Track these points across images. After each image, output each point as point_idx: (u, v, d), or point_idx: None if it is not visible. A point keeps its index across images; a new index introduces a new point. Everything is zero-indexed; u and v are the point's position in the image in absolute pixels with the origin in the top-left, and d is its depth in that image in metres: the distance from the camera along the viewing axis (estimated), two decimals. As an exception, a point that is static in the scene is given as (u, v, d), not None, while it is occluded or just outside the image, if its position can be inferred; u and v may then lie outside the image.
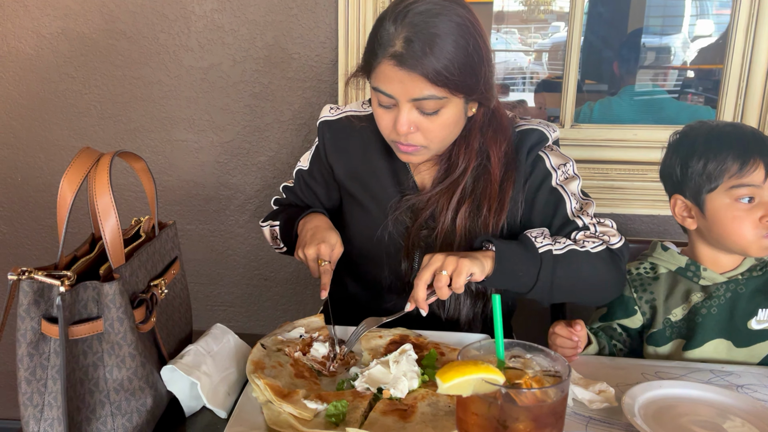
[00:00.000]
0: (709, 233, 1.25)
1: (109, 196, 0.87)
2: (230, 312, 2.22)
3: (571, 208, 1.26)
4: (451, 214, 1.27)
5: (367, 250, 1.37)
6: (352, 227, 1.41)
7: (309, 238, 1.27)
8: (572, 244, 1.20)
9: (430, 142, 1.20)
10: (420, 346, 1.17)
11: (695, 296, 1.27)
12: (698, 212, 1.25)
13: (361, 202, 1.38)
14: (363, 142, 1.37)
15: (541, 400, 0.69)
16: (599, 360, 1.21)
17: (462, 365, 0.69)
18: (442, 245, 1.28)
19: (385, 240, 1.34)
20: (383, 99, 1.17)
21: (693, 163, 1.23)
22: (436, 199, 1.28)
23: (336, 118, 1.40)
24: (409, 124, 1.16)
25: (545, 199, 1.28)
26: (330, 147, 1.39)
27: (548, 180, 1.28)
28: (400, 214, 1.32)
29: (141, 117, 2.05)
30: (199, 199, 2.11)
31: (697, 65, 4.06)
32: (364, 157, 1.37)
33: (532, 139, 1.29)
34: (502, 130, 1.27)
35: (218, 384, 1.01)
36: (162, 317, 1.00)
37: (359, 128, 1.37)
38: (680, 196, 1.28)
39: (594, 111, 2.32)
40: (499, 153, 1.26)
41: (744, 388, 1.09)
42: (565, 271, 1.17)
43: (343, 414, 0.96)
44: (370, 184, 1.37)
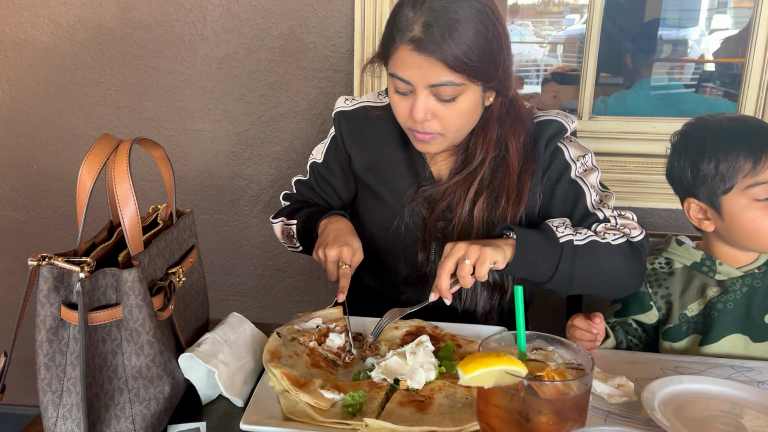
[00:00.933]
0: (729, 234, 1.23)
1: (128, 183, 0.86)
2: (243, 302, 2.22)
3: (591, 201, 1.25)
4: (468, 206, 1.26)
5: (383, 242, 1.36)
6: (368, 219, 1.40)
7: (332, 239, 1.25)
8: (593, 235, 1.18)
9: (447, 130, 1.19)
10: (436, 338, 1.16)
11: (711, 291, 1.26)
12: (715, 214, 1.22)
13: (377, 193, 1.37)
14: (379, 132, 1.35)
15: (564, 393, 0.68)
16: (618, 354, 1.19)
17: (484, 356, 0.68)
18: (459, 237, 1.26)
19: (401, 232, 1.33)
20: (400, 85, 1.16)
21: (704, 166, 1.19)
22: (453, 190, 1.27)
23: (352, 108, 1.39)
24: (425, 111, 1.15)
25: (565, 191, 1.27)
26: (347, 136, 1.38)
27: (567, 172, 1.27)
28: (417, 205, 1.31)
29: (156, 107, 2.05)
30: (214, 189, 2.11)
31: (715, 59, 4.01)
32: (381, 148, 1.35)
33: (551, 130, 1.27)
34: (520, 120, 1.25)
35: (235, 372, 1.01)
36: (179, 305, 1.00)
37: (375, 118, 1.36)
38: (694, 199, 1.25)
39: (608, 105, 2.29)
40: (517, 144, 1.24)
41: (765, 384, 1.07)
42: (585, 262, 1.15)
43: (360, 404, 0.96)
44: (386, 175, 1.35)
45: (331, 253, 1.22)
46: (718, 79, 3.47)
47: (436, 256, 1.31)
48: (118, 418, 0.86)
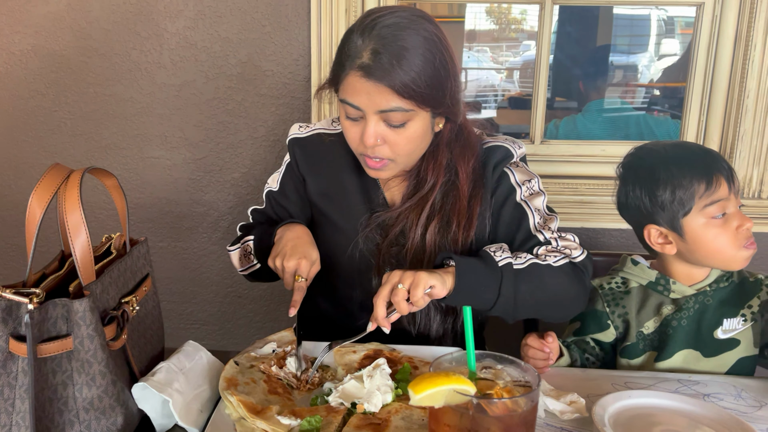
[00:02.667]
0: (692, 254, 1.26)
1: (79, 213, 0.86)
2: (204, 330, 2.20)
3: (534, 223, 1.27)
4: (420, 230, 1.27)
5: (338, 268, 1.37)
6: (323, 245, 1.38)
7: (290, 249, 1.23)
8: (533, 258, 1.19)
9: (397, 155, 1.21)
10: (394, 361, 1.17)
11: (666, 309, 1.30)
12: (677, 237, 1.26)
13: (331, 219, 1.38)
14: (333, 158, 1.37)
15: (512, 409, 0.70)
16: (570, 371, 1.22)
17: (433, 376, 0.70)
18: (412, 261, 1.28)
19: (356, 258, 1.33)
20: (350, 111, 1.18)
21: (660, 193, 1.23)
22: (405, 215, 1.29)
23: (305, 135, 1.40)
24: (375, 137, 1.17)
25: (510, 214, 1.29)
26: (302, 162, 1.39)
27: (513, 195, 1.29)
28: (371, 231, 1.32)
29: (113, 134, 2.03)
30: (172, 216, 2.10)
31: (662, 83, 4.17)
32: (335, 174, 1.37)
33: (498, 155, 1.30)
34: (469, 146, 1.28)
35: (191, 401, 1.00)
36: (133, 335, 0.99)
37: (329, 144, 1.37)
38: (654, 225, 1.28)
39: (560, 128, 2.36)
40: (467, 169, 1.27)
41: (711, 397, 1.11)
42: (527, 286, 1.16)
43: (317, 429, 0.96)
44: (340, 201, 1.37)
45: (289, 264, 1.21)
46: (666, 103, 3.61)
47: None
48: (69, 452, 0.85)
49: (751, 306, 1.27)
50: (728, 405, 1.09)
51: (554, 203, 1.97)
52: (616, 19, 4.55)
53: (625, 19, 5.28)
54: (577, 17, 4.09)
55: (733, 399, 1.11)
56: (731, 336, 1.27)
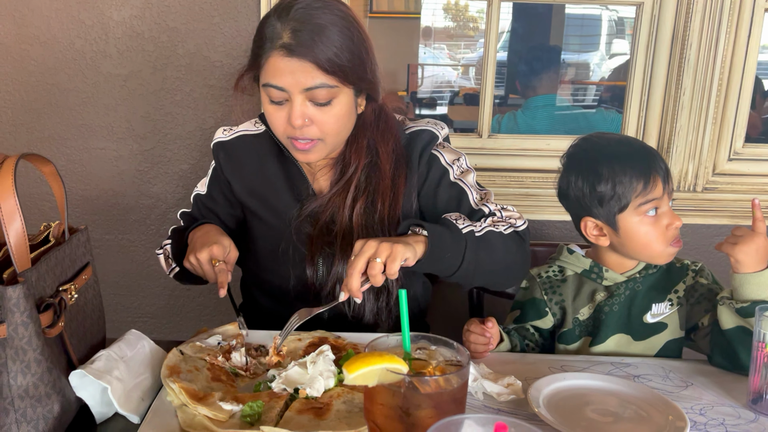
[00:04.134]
0: (623, 248, 1.31)
1: (13, 200, 0.85)
2: (153, 323, 2.17)
3: (473, 199, 1.32)
4: (347, 212, 1.29)
5: (272, 263, 1.38)
6: (256, 242, 1.41)
7: (199, 244, 1.25)
8: (489, 226, 1.24)
9: (326, 134, 1.22)
10: (338, 348, 1.19)
11: (599, 295, 1.35)
12: (611, 231, 1.30)
13: (261, 217, 1.39)
14: (258, 157, 1.38)
15: (443, 387, 0.73)
16: (510, 356, 1.26)
17: (367, 356, 0.72)
18: (342, 245, 1.30)
19: (289, 251, 1.35)
20: (275, 94, 1.19)
21: (601, 187, 1.27)
22: (333, 201, 1.31)
23: (229, 138, 1.41)
24: (303, 116, 1.18)
25: (447, 194, 1.33)
26: (226, 165, 1.40)
27: (446, 176, 1.33)
28: (301, 222, 1.34)
29: (56, 125, 1.99)
30: (119, 208, 2.06)
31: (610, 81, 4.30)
32: (260, 173, 1.38)
33: (423, 139, 1.34)
34: (388, 128, 1.31)
35: (131, 389, 1.00)
36: (72, 323, 0.98)
37: (253, 145, 1.39)
38: (590, 218, 1.32)
39: (501, 124, 2.41)
40: (387, 149, 1.30)
41: (640, 378, 1.17)
42: (485, 252, 1.20)
43: (259, 414, 0.97)
44: (268, 198, 1.38)
45: (202, 255, 1.21)
46: (615, 101, 3.72)
47: (323, 269, 1.34)
48: (4, 440, 0.84)
49: (677, 291, 1.33)
50: (656, 385, 1.14)
51: (500, 196, 2.02)
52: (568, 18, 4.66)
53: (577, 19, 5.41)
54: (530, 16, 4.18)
55: (661, 380, 1.16)
56: (659, 320, 1.33)
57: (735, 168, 2.01)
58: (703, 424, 1.02)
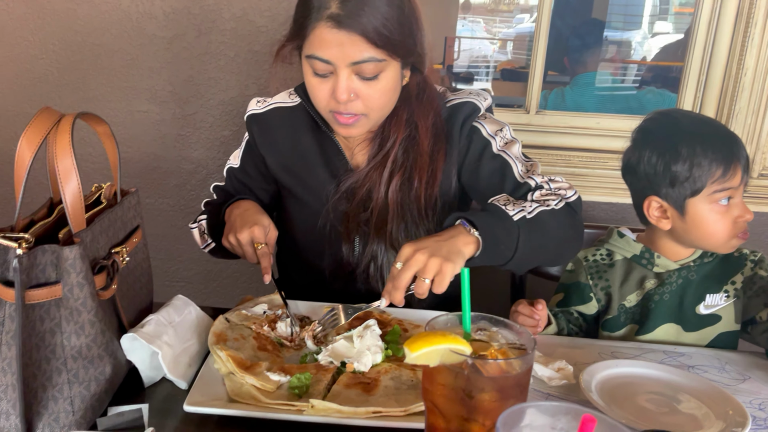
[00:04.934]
0: (686, 234, 1.25)
1: (70, 158, 0.84)
2: (189, 288, 2.19)
3: (519, 171, 1.23)
4: (383, 188, 1.25)
5: (307, 241, 1.35)
6: (291, 220, 1.38)
7: (239, 223, 1.21)
8: (539, 205, 1.14)
9: (371, 109, 1.17)
10: (383, 322, 1.17)
11: (649, 283, 1.30)
12: (676, 215, 1.24)
13: (296, 194, 1.35)
14: (292, 131, 1.33)
15: (506, 371, 0.70)
16: (558, 339, 1.23)
17: (430, 335, 0.70)
18: (377, 222, 1.26)
19: (326, 228, 1.31)
20: (319, 66, 1.13)
21: (678, 167, 1.20)
22: (370, 176, 1.26)
23: (263, 111, 1.36)
24: (348, 91, 1.13)
25: (490, 167, 1.25)
26: (260, 139, 1.36)
27: (489, 148, 1.25)
28: (338, 200, 1.29)
29: (101, 86, 1.98)
30: (159, 172, 2.06)
31: (655, 62, 4.15)
32: (295, 148, 1.33)
33: (465, 111, 1.27)
34: (429, 101, 1.25)
35: (179, 355, 0.99)
36: (123, 286, 0.97)
37: (287, 119, 1.33)
38: (656, 197, 1.25)
39: (548, 101, 2.34)
40: (427, 123, 1.24)
41: (695, 369, 1.13)
42: (539, 234, 1.11)
43: (307, 386, 0.96)
44: (303, 175, 1.33)
45: (242, 235, 1.19)
46: (659, 81, 3.60)
47: (359, 247, 1.30)
48: (56, 399, 0.84)
49: (734, 282, 1.28)
50: (712, 377, 1.10)
51: (546, 175, 1.97)
52: (611, -5, 4.51)
53: (621, -5, 5.24)
54: (573, -8, 4.04)
55: (717, 372, 1.13)
56: (713, 311, 1.28)
57: (795, 155, 1.94)
58: (763, 419, 0.99)
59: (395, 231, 1.26)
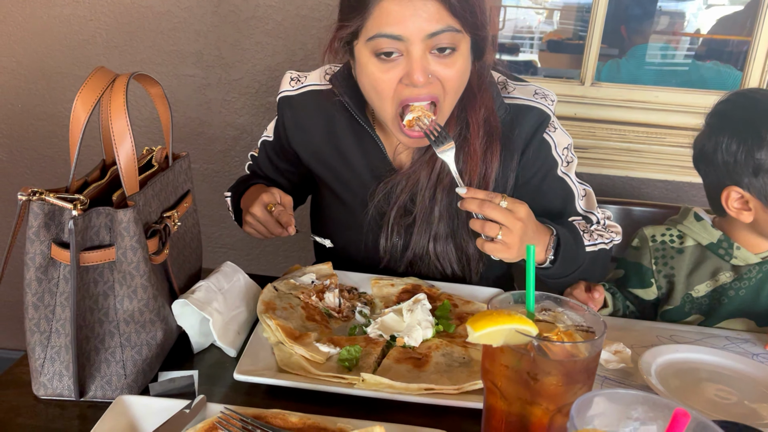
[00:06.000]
0: None
1: (125, 119, 0.82)
2: (232, 254, 2.19)
3: (579, 204, 1.23)
4: (429, 193, 1.16)
5: (344, 239, 1.29)
6: (327, 213, 1.32)
7: (248, 203, 1.19)
8: (603, 242, 1.19)
9: (447, 92, 1.06)
10: (432, 297, 1.14)
11: (724, 275, 1.20)
12: (761, 206, 1.13)
13: (333, 189, 1.28)
14: (326, 122, 1.23)
15: (574, 354, 0.67)
16: (613, 321, 1.18)
17: (495, 314, 0.66)
18: (421, 227, 1.19)
19: (363, 230, 1.25)
20: (387, 45, 1.00)
21: (762, 154, 1.10)
22: (414, 179, 1.17)
23: (297, 93, 1.25)
24: (425, 71, 1.01)
25: (552, 188, 1.21)
26: (290, 126, 1.26)
27: (554, 169, 1.21)
28: (379, 201, 1.21)
29: (148, 48, 1.97)
30: (205, 137, 2.06)
31: (714, 35, 3.97)
32: (330, 140, 1.23)
33: (532, 119, 1.17)
34: (484, 95, 1.15)
35: (228, 322, 0.98)
36: (173, 251, 0.96)
37: (321, 105, 1.22)
38: (736, 187, 1.15)
39: (602, 73, 2.24)
40: (478, 120, 1.13)
41: (759, 357, 1.07)
42: (591, 267, 1.17)
43: (356, 359, 0.94)
44: (340, 170, 1.25)
45: (255, 209, 1.15)
46: (713, 55, 3.43)
47: (400, 248, 1.23)
48: (109, 362, 0.84)
49: None
50: (778, 366, 1.05)
51: (599, 149, 1.91)
52: (664, -38, 4.30)
53: (674, -36, 5.01)
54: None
55: (783, 361, 1.07)
56: None
57: None
58: (836, 414, 0.93)
59: (441, 238, 1.19)
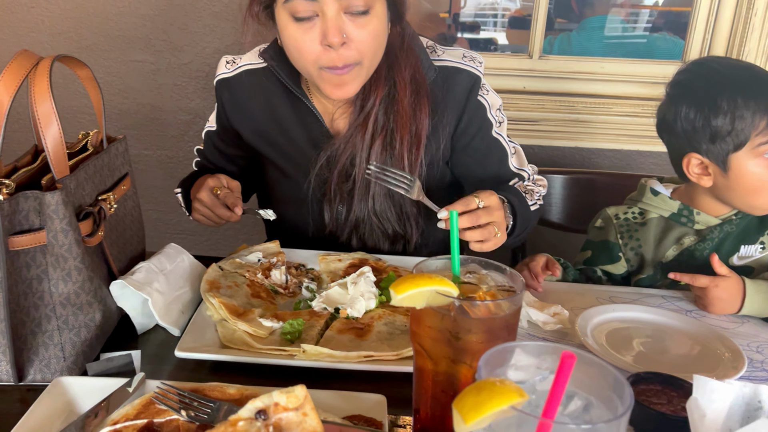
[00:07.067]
0: (728, 192, 1.18)
1: (49, 102, 0.81)
2: (191, 240, 2.19)
3: (512, 162, 1.30)
4: (365, 154, 1.19)
5: (291, 211, 1.31)
6: (272, 189, 1.34)
7: (195, 190, 1.20)
8: (538, 202, 1.27)
9: (364, 55, 1.09)
10: (378, 270, 1.16)
11: (688, 239, 1.24)
12: (718, 171, 1.16)
13: (276, 164, 1.30)
14: (265, 98, 1.26)
15: (494, 312, 0.69)
16: (556, 285, 1.21)
17: (416, 277, 0.68)
18: (360, 188, 1.22)
19: (307, 200, 1.27)
20: (302, 7, 1.03)
21: (718, 121, 1.12)
22: (352, 142, 1.20)
23: (234, 74, 1.27)
24: (340, 31, 1.04)
25: (490, 149, 1.27)
26: (230, 107, 1.29)
27: (488, 129, 1.26)
28: (320, 169, 1.24)
29: (94, 35, 1.94)
30: (158, 123, 2.04)
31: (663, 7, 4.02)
32: (269, 116, 1.26)
33: (463, 81, 1.22)
34: (408, 53, 1.18)
35: (171, 302, 0.99)
36: (112, 234, 0.97)
37: (259, 83, 1.25)
38: (696, 154, 1.17)
39: (554, 46, 2.27)
40: (404, 78, 1.17)
41: (693, 313, 1.12)
42: (531, 226, 1.25)
43: (299, 332, 0.96)
44: (281, 144, 1.27)
45: (201, 194, 1.17)
46: (669, 27, 3.48)
47: (344, 215, 1.26)
48: (47, 346, 0.84)
49: None
50: (710, 321, 1.09)
51: (549, 121, 1.93)
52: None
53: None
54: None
55: (715, 316, 1.11)
56: (746, 263, 1.22)
57: (805, 98, 1.87)
58: (761, 362, 0.98)
59: (378, 197, 1.22)
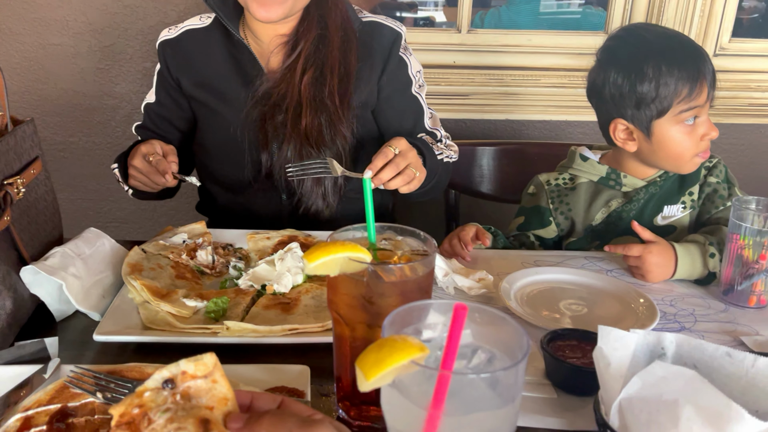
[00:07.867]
0: (651, 155, 1.22)
1: (-59, 82, 0.77)
2: (124, 228, 2.13)
3: (427, 120, 1.38)
4: (297, 87, 1.27)
5: (225, 153, 1.35)
6: (208, 135, 1.38)
7: (131, 157, 1.22)
8: (447, 156, 1.36)
9: None
10: (308, 246, 1.16)
11: (615, 202, 1.28)
12: (642, 136, 1.21)
13: (212, 107, 1.35)
14: (206, 50, 1.36)
15: (407, 275, 0.70)
16: (484, 252, 1.24)
17: (328, 245, 0.68)
18: (293, 119, 1.26)
19: (244, 138, 1.31)
20: None
21: (643, 88, 1.16)
22: (284, 77, 1.28)
23: (175, 36, 1.37)
24: None
25: (405, 104, 1.37)
26: (172, 62, 1.36)
27: (408, 87, 1.37)
28: (254, 105, 1.29)
29: (7, 18, 1.85)
30: (81, 109, 1.97)
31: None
32: (210, 64, 1.34)
33: (388, 34, 1.34)
34: (336, 3, 1.30)
35: (91, 287, 0.96)
36: (23, 219, 0.93)
37: (200, 39, 1.35)
38: (622, 119, 1.21)
39: (485, 21, 2.28)
40: (335, 22, 1.28)
41: (612, 273, 1.16)
42: (442, 178, 1.34)
43: (224, 310, 0.95)
44: (218, 87, 1.34)
45: (135, 161, 1.20)
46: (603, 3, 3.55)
47: (278, 152, 1.29)
48: (-46, 336, 0.81)
49: (692, 193, 1.26)
50: (629, 279, 1.13)
51: (479, 95, 1.96)
52: None
53: None
54: None
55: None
56: (669, 222, 1.27)
57: (721, 64, 1.94)
58: (673, 314, 1.03)
59: (310, 125, 1.26)
